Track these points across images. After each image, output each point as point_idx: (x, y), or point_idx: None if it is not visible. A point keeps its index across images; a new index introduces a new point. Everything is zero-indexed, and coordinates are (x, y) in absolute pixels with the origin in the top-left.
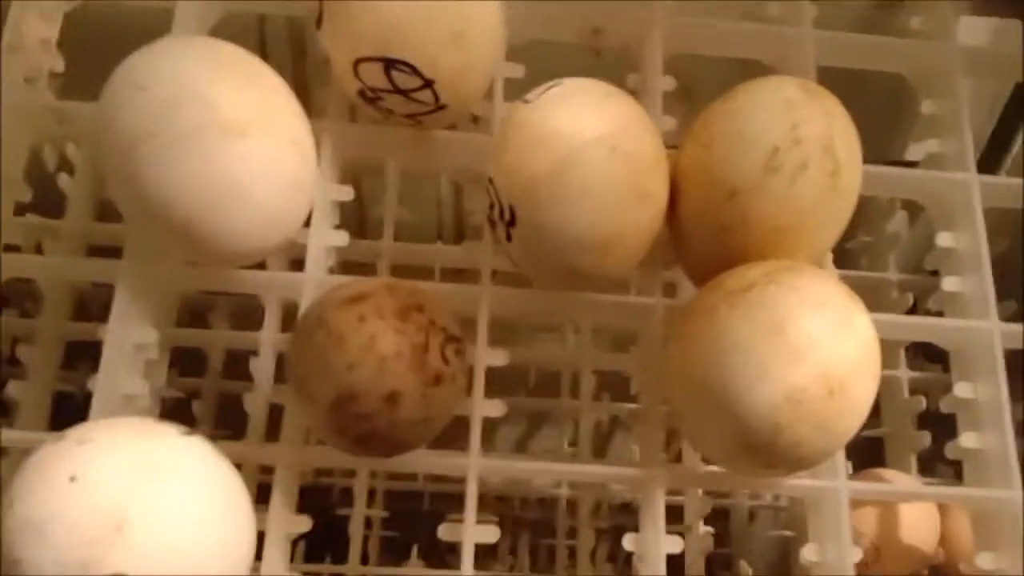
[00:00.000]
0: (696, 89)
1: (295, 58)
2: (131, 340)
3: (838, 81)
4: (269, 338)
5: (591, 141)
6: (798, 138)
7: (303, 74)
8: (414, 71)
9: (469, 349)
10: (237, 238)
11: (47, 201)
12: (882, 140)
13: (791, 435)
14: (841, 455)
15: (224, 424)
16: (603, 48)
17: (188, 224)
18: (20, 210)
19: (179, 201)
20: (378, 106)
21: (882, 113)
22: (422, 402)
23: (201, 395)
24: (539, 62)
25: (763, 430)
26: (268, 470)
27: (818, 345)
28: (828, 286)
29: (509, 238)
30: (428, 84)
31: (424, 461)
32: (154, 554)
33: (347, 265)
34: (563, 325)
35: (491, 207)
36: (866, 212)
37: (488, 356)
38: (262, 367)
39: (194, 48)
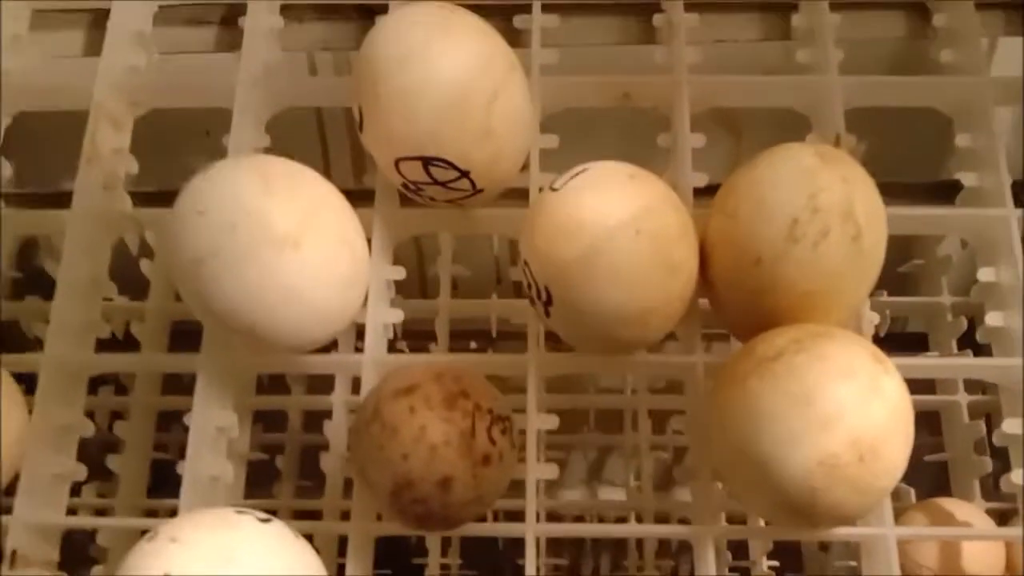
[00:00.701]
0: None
1: (353, 136)
2: (213, 424)
3: None
4: (340, 401)
5: (616, 226)
6: (817, 207)
7: (362, 151)
8: (450, 165)
9: (518, 417)
10: (298, 335)
11: (133, 283)
12: (932, 160)
13: (828, 498)
14: (887, 501)
15: (307, 474)
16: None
17: (252, 327)
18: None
19: (242, 310)
20: (421, 196)
21: (931, 133)
22: (473, 483)
23: (284, 450)
24: (575, 126)
25: (800, 494)
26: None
27: (847, 413)
28: (855, 352)
29: (548, 315)
30: (464, 175)
31: (485, 527)
32: None
33: (408, 321)
34: None
35: (528, 287)
36: (917, 235)
37: (539, 420)
38: (335, 428)
39: (245, 170)
